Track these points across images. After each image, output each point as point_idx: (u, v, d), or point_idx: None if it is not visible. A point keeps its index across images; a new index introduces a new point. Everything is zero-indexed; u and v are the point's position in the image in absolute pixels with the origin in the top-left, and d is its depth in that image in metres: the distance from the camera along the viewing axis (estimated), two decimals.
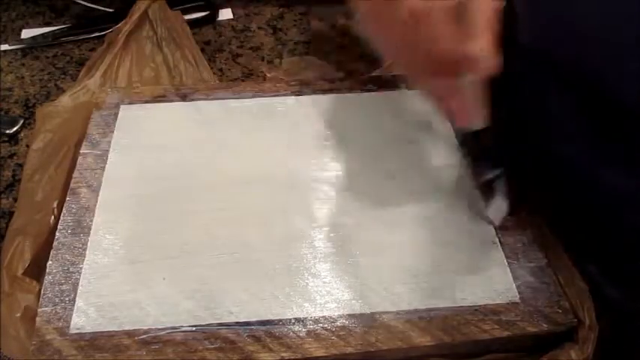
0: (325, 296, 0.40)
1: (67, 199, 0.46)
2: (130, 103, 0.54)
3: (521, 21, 0.44)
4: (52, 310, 0.39)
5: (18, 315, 0.39)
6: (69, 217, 0.44)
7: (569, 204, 0.45)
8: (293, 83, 0.57)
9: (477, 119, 0.40)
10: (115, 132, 0.51)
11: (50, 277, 0.41)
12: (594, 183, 0.43)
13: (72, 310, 0.39)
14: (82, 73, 0.60)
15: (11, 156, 0.54)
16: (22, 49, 0.66)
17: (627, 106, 0.39)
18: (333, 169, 0.49)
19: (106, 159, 0.49)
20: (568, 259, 0.44)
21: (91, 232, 0.44)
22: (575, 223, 0.46)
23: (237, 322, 0.39)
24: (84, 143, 0.50)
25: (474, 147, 0.47)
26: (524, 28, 0.44)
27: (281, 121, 0.53)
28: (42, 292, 0.40)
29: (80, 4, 0.71)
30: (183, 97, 0.55)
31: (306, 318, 0.39)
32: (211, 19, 0.70)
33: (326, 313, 0.39)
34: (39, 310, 0.39)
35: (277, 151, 0.50)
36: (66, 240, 0.43)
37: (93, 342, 0.38)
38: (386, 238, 0.44)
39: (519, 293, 0.41)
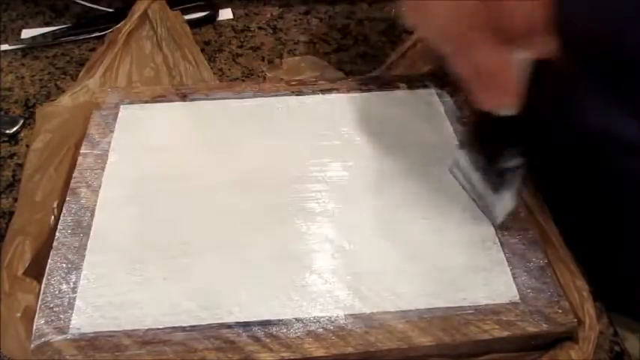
0: (325, 296, 0.40)
1: (67, 199, 0.46)
2: (130, 103, 0.54)
3: None
4: (52, 309, 0.39)
5: (18, 315, 0.39)
6: (69, 217, 0.44)
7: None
8: (293, 83, 0.57)
9: (512, 104, 0.37)
10: (115, 132, 0.51)
11: (50, 277, 0.41)
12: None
13: (72, 310, 0.39)
14: (82, 73, 0.60)
15: (11, 156, 0.54)
16: (22, 49, 0.66)
17: None
18: (333, 169, 0.49)
19: (106, 159, 0.49)
20: (568, 259, 0.44)
21: (91, 232, 0.44)
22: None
23: (237, 322, 0.39)
24: (84, 143, 0.50)
25: (494, 134, 0.42)
26: None
27: (281, 121, 0.53)
28: (42, 291, 0.40)
29: (80, 4, 0.71)
30: (183, 97, 0.55)
31: (306, 318, 0.39)
32: (211, 19, 0.70)
33: (326, 313, 0.39)
34: (39, 310, 0.39)
35: (277, 151, 0.50)
36: (66, 240, 0.43)
37: (93, 342, 0.38)
38: (386, 238, 0.44)
39: (519, 293, 0.41)
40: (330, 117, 0.53)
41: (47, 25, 0.69)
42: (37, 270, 0.42)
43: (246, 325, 0.39)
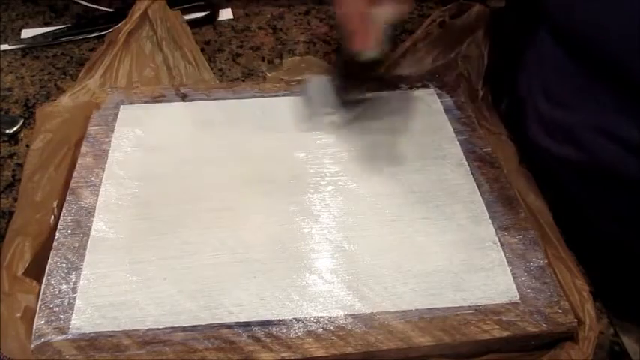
0: (325, 296, 0.40)
1: (67, 199, 0.46)
2: (130, 103, 0.54)
3: None
4: (52, 309, 0.39)
5: (18, 315, 0.39)
6: (69, 217, 0.44)
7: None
8: (293, 83, 0.57)
9: (371, 48, 0.45)
10: (115, 132, 0.51)
11: (50, 277, 0.41)
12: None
13: (72, 310, 0.39)
14: (82, 73, 0.60)
15: (11, 156, 0.54)
16: (22, 49, 0.66)
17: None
18: (332, 169, 0.49)
19: (106, 159, 0.49)
20: (568, 259, 0.44)
21: (91, 232, 0.44)
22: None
23: (237, 322, 0.39)
24: (84, 143, 0.50)
25: (353, 72, 0.50)
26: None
27: (281, 121, 0.53)
28: (42, 291, 0.40)
29: (80, 4, 0.71)
30: (183, 97, 0.55)
31: (306, 318, 0.39)
32: (211, 19, 0.70)
33: (326, 313, 0.39)
34: (39, 310, 0.39)
35: (277, 150, 0.50)
36: (66, 240, 0.43)
37: (93, 342, 0.38)
38: (386, 238, 0.44)
39: (519, 293, 0.41)
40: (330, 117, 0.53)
41: (47, 25, 0.69)
42: (37, 270, 0.42)
43: (246, 325, 0.39)
